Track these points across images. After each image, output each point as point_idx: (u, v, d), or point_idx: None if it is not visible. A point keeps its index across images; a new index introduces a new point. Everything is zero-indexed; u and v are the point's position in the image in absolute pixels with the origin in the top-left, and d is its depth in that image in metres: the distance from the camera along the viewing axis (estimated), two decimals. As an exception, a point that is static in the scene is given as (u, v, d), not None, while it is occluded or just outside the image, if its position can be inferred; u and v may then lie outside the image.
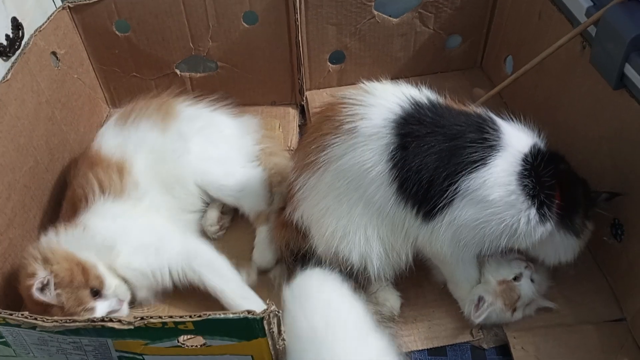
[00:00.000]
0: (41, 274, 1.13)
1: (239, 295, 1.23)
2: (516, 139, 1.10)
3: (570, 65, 1.36)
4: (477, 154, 1.05)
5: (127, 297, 1.24)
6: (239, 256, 1.37)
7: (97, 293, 1.18)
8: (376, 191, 1.09)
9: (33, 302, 1.13)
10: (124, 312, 1.23)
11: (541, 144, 1.13)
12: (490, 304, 1.18)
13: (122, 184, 1.32)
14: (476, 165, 1.05)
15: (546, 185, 1.07)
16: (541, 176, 1.07)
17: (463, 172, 1.05)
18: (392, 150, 1.07)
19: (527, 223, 1.07)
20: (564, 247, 1.16)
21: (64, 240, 1.22)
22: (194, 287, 1.31)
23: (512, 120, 1.16)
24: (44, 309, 1.13)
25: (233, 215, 1.49)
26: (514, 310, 1.19)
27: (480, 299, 1.19)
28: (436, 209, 1.07)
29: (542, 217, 1.08)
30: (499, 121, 1.13)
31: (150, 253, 1.25)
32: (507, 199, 1.05)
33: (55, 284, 1.13)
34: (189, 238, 1.33)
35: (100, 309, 1.18)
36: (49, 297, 1.12)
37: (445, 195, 1.05)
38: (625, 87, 1.18)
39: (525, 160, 1.08)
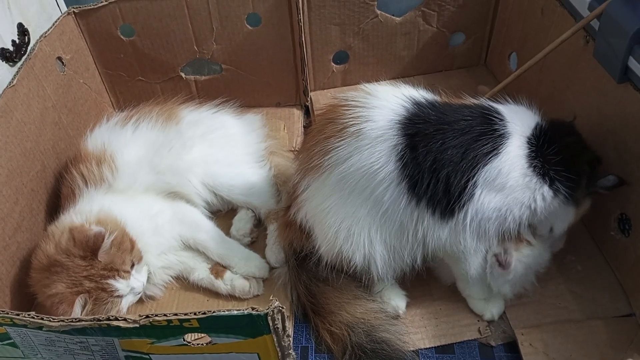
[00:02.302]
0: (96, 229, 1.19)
1: (222, 247, 1.36)
2: (520, 123, 1.12)
3: (573, 59, 1.36)
4: (489, 145, 1.07)
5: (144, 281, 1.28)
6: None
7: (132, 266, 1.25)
8: (384, 192, 1.09)
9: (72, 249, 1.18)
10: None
11: (543, 123, 1.14)
12: (505, 250, 1.16)
13: (100, 172, 1.36)
14: (490, 156, 1.07)
15: (553, 161, 1.09)
16: (547, 154, 1.09)
17: (479, 165, 1.06)
18: (400, 151, 1.07)
19: (543, 200, 1.10)
20: (561, 216, 1.16)
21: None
22: (202, 288, 1.35)
23: (511, 102, 1.17)
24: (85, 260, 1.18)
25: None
26: (527, 241, 1.18)
27: (496, 255, 1.17)
28: (457, 205, 1.07)
29: (556, 192, 1.10)
30: (501, 108, 1.14)
31: (148, 222, 1.33)
32: (522, 181, 1.08)
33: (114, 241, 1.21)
34: (175, 203, 1.41)
35: (136, 279, 1.23)
36: (104, 246, 1.17)
37: (465, 190, 1.06)
38: (629, 81, 1.17)
39: (530, 142, 1.10)
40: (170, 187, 1.41)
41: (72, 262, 1.17)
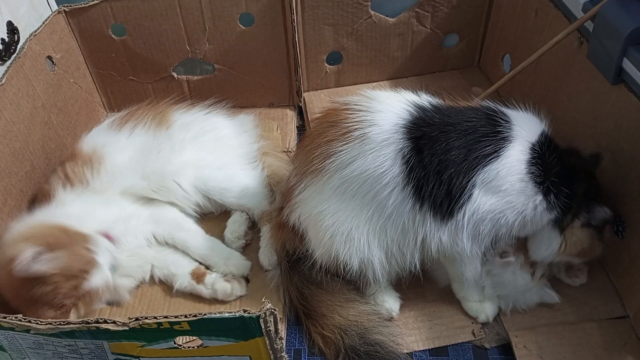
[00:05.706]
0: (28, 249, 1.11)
1: (203, 246, 1.36)
2: (527, 129, 1.11)
3: (567, 61, 1.36)
4: (490, 146, 1.07)
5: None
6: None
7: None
8: (389, 196, 1.08)
9: (23, 283, 1.12)
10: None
11: (549, 132, 1.14)
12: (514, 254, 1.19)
13: (87, 173, 1.35)
14: (490, 157, 1.06)
15: (552, 172, 1.09)
16: (548, 164, 1.09)
17: (479, 166, 1.06)
18: (406, 154, 1.07)
19: (534, 209, 1.09)
20: (546, 241, 1.16)
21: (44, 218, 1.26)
22: (190, 294, 1.33)
23: (520, 108, 1.16)
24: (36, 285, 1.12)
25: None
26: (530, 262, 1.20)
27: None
28: (456, 206, 1.07)
29: (549, 205, 1.09)
30: (509, 111, 1.14)
31: (122, 222, 1.32)
32: (517, 185, 1.07)
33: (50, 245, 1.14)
34: (153, 205, 1.40)
35: (104, 254, 1.21)
36: (45, 265, 1.11)
37: (464, 191, 1.06)
38: (623, 82, 1.17)
39: (533, 148, 1.09)
40: (153, 192, 1.39)
41: (37, 291, 1.12)
